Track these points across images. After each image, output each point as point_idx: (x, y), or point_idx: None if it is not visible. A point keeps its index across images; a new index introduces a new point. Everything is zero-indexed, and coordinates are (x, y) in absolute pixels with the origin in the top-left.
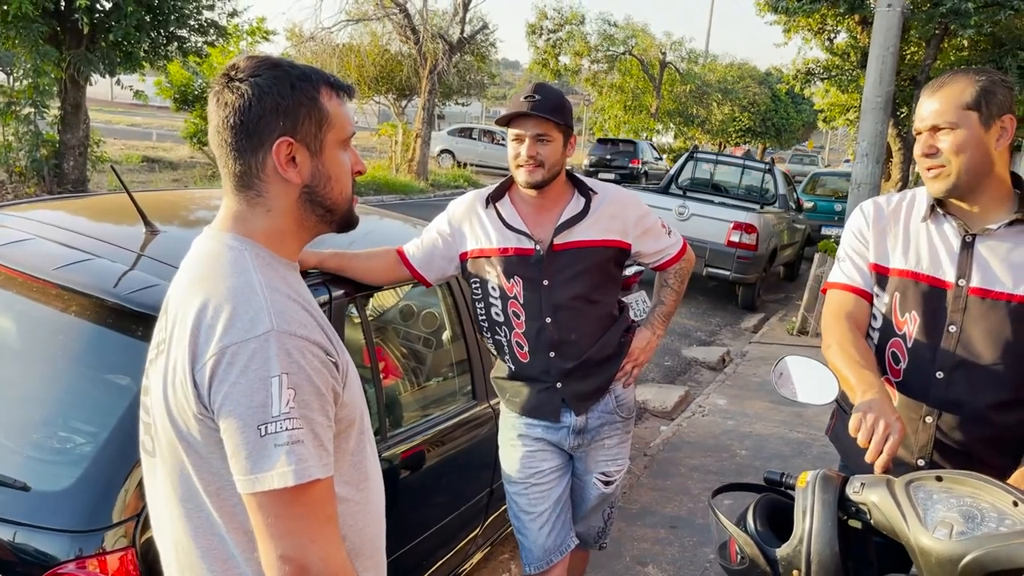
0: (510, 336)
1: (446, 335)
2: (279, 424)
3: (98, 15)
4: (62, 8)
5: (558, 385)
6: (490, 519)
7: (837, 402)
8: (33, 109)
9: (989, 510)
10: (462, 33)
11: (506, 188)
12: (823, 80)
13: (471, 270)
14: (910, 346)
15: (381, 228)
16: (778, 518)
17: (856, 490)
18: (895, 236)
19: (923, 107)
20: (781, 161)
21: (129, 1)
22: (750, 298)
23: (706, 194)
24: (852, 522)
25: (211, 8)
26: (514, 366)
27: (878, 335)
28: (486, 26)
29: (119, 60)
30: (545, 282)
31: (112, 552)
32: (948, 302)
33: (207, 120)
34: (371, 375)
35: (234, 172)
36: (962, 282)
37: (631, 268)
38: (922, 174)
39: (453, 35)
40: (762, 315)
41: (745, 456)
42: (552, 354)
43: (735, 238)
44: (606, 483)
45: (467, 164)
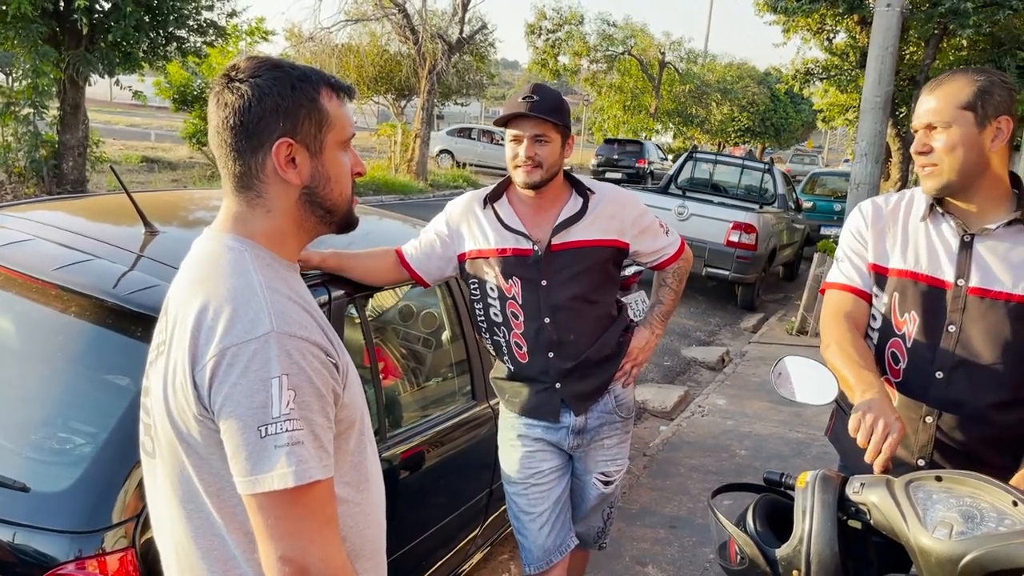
0: (509, 336)
1: (445, 335)
2: (279, 425)
3: (97, 15)
4: (61, 8)
5: (557, 385)
6: (490, 519)
7: (836, 402)
8: (32, 109)
9: (989, 510)
10: (461, 33)
11: (504, 189)
12: (822, 80)
13: (469, 271)
14: (909, 346)
15: (380, 228)
16: (778, 518)
17: (856, 490)
18: (894, 236)
19: (921, 105)
20: (781, 161)
21: (128, 1)
22: (749, 298)
23: (705, 194)
24: (852, 522)
25: (210, 8)
26: (513, 366)
27: (877, 335)
28: (485, 26)
29: (118, 60)
30: (543, 282)
31: (112, 553)
32: (947, 302)
33: (206, 120)
34: (371, 375)
35: (234, 173)
36: (961, 282)
37: (630, 268)
38: (917, 172)
39: (452, 35)
40: (761, 315)
41: (744, 456)
42: (551, 354)
43: (734, 238)
44: (606, 483)
45: (466, 164)
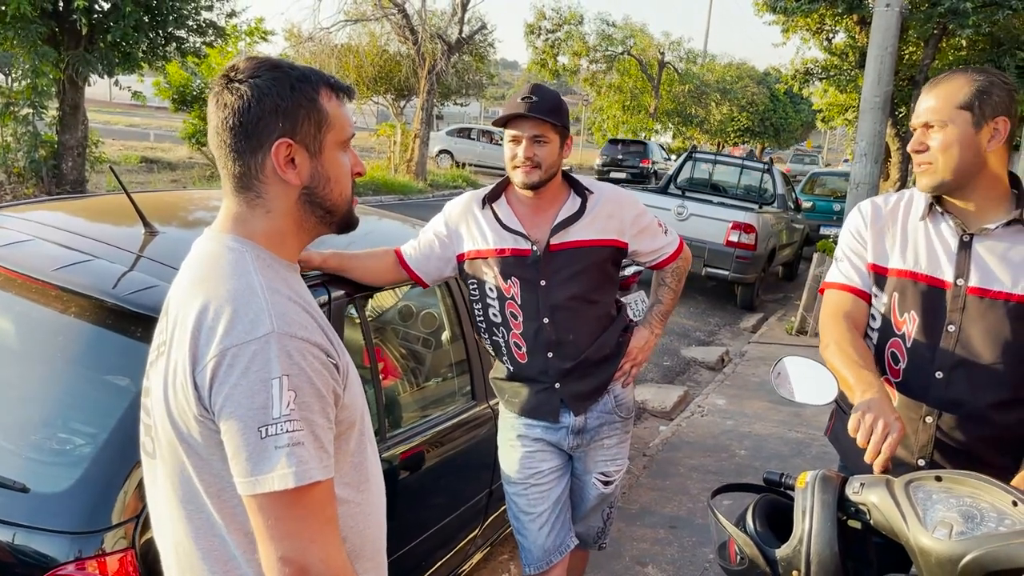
0: (508, 337)
1: (445, 335)
2: (280, 426)
3: (96, 16)
4: (60, 9)
5: (556, 385)
6: (489, 520)
7: (836, 402)
8: (31, 110)
9: (988, 510)
10: (460, 33)
11: (502, 189)
12: (821, 80)
13: (468, 271)
14: (909, 346)
15: (380, 228)
16: (777, 518)
17: (855, 490)
18: (893, 236)
19: (920, 104)
20: (781, 161)
21: (127, 2)
22: (749, 298)
23: (705, 194)
24: (852, 522)
25: (209, 9)
26: (512, 367)
27: (877, 335)
28: (484, 26)
29: (117, 61)
30: (542, 282)
31: (112, 553)
32: (947, 302)
33: (206, 121)
34: (371, 376)
35: (233, 173)
36: (960, 281)
37: (630, 268)
38: (913, 169)
39: (451, 35)
40: (761, 315)
41: (744, 456)
42: (550, 354)
43: (734, 238)
44: (605, 483)
45: (466, 164)
